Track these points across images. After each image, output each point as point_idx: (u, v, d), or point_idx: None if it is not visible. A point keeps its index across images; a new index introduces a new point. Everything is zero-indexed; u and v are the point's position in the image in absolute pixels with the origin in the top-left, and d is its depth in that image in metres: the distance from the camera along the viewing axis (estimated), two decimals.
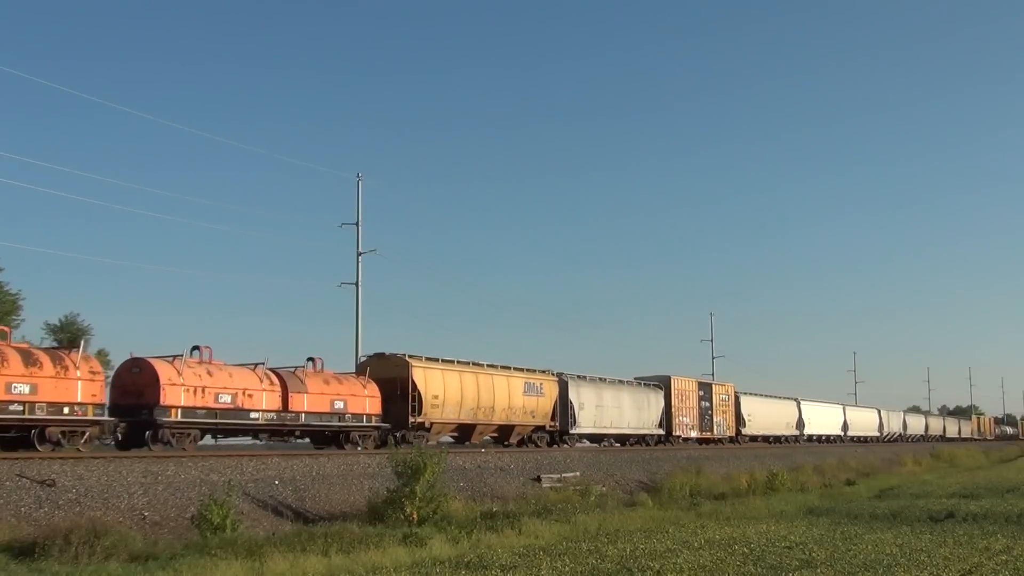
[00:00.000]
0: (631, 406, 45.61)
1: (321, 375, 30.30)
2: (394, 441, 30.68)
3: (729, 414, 56.30)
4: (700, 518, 24.31)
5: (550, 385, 39.69)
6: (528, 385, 38.05)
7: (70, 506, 18.11)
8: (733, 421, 56.68)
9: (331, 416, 29.65)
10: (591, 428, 42.25)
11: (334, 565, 15.29)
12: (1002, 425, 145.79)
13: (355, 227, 44.28)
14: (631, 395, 46.12)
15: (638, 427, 46.18)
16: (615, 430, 44.28)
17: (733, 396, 57.29)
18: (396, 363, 32.93)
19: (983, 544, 18.00)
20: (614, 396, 44.37)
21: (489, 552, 16.96)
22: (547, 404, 39.10)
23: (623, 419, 44.63)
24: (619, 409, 44.39)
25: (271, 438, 29.41)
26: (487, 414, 35.76)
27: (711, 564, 15.22)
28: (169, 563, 14.60)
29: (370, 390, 31.45)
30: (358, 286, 43.33)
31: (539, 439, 38.78)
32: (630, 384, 47.12)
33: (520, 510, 22.97)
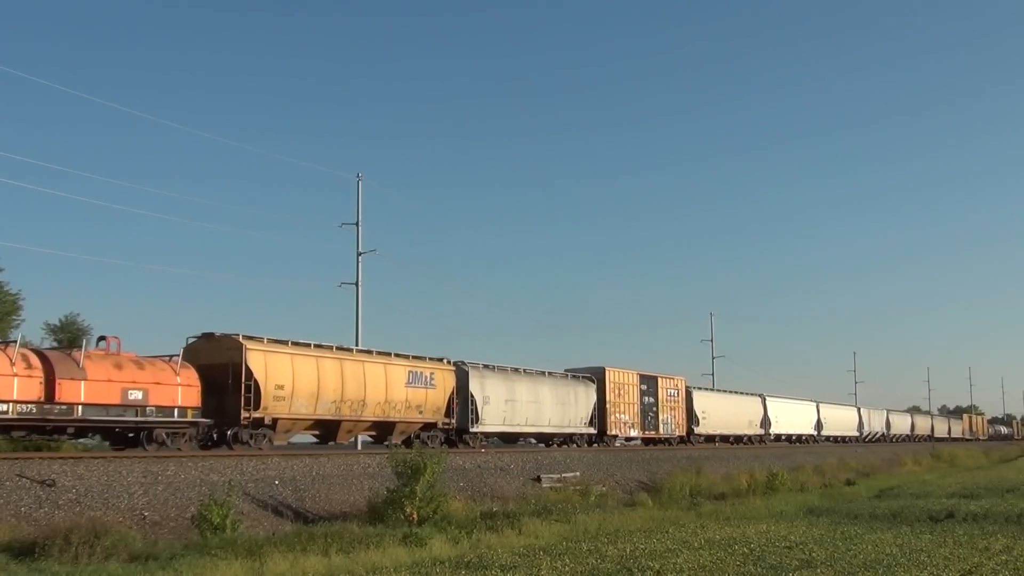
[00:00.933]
0: (553, 401, 39.57)
1: (112, 358, 23.79)
2: (224, 441, 26.25)
3: (679, 411, 50.17)
4: (700, 518, 24.31)
5: (444, 375, 33.66)
6: (413, 375, 32.06)
7: (70, 506, 18.11)
8: (684, 419, 50.56)
9: (124, 409, 23.44)
10: (499, 426, 36.39)
11: (334, 565, 15.29)
12: (996, 425, 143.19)
13: (355, 227, 44.29)
14: (553, 389, 39.96)
15: (562, 425, 40.14)
16: (532, 428, 38.48)
17: (684, 391, 51.10)
18: (228, 345, 26.55)
19: (983, 544, 18.00)
20: (530, 389, 38.42)
21: (489, 552, 16.96)
22: (439, 397, 33.13)
23: (542, 416, 38.71)
24: (537, 404, 38.42)
25: (30, 436, 23.48)
26: (356, 408, 29.67)
27: (711, 564, 15.22)
28: (169, 563, 14.60)
29: (185, 377, 24.86)
30: (358, 286, 43.33)
31: (430, 438, 32.34)
32: (552, 376, 40.74)
33: (520, 510, 22.98)
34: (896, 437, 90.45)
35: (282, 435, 28.22)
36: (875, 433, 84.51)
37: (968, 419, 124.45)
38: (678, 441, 49.73)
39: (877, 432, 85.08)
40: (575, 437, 41.15)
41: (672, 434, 49.24)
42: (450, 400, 33.67)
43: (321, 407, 28.53)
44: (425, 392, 32.61)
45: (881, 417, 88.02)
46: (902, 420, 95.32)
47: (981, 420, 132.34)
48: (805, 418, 68.78)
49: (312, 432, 30.10)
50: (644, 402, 46.59)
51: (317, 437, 30.53)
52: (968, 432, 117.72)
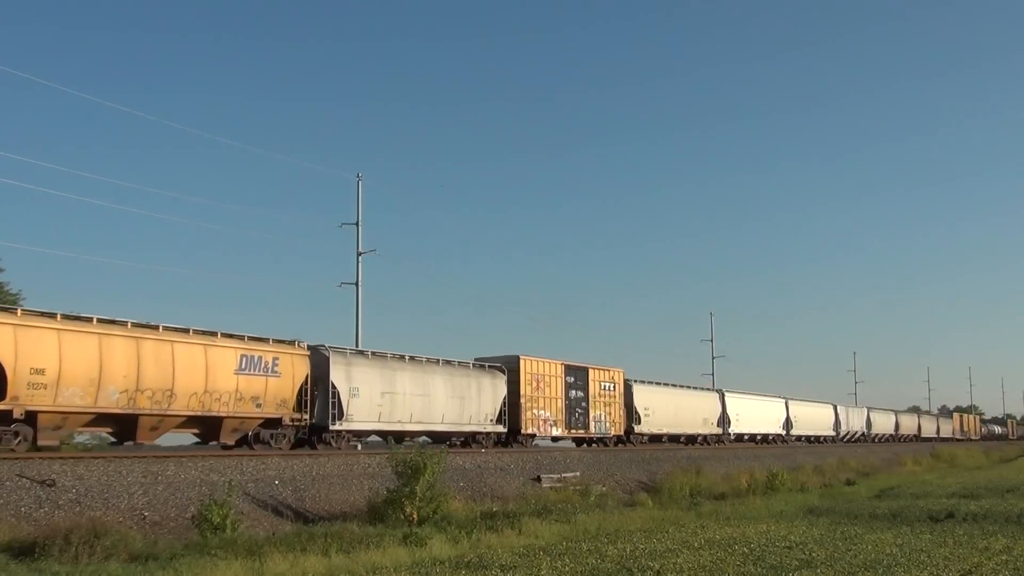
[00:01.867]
0: (448, 395, 33.63)
1: None
2: None
3: (616, 408, 43.95)
4: (700, 518, 24.32)
5: (293, 361, 27.75)
6: (248, 360, 26.30)
7: (70, 506, 18.12)
8: (621, 416, 44.41)
9: None
10: (372, 422, 30.43)
11: (334, 565, 15.29)
12: (990, 424, 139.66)
13: (355, 227, 44.30)
14: (448, 380, 33.92)
15: (460, 422, 34.02)
16: (419, 426, 32.34)
17: (622, 385, 44.82)
18: None
19: (983, 544, 18.01)
20: (417, 380, 32.40)
21: (489, 552, 16.97)
22: (285, 388, 27.32)
23: (433, 411, 32.75)
24: (426, 398, 32.49)
25: None
26: (160, 400, 23.85)
27: (711, 564, 15.22)
28: (169, 563, 14.61)
29: None
30: (358, 286, 43.34)
31: (275, 437, 27.40)
32: (449, 365, 34.63)
33: (520, 510, 22.98)
34: (878, 437, 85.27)
35: (50, 433, 22.28)
36: (854, 433, 78.88)
37: (959, 418, 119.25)
38: (614, 441, 43.83)
39: (856, 432, 79.57)
40: (479, 436, 35.08)
41: (606, 433, 43.10)
42: (302, 391, 27.94)
43: (105, 398, 22.76)
44: (265, 381, 26.72)
45: (861, 416, 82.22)
46: (884, 419, 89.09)
47: (974, 419, 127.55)
48: (771, 416, 63.30)
49: (100, 430, 24.92)
50: (570, 396, 40.57)
51: (113, 436, 24.81)
52: (959, 432, 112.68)
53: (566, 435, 40.76)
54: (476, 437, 35.04)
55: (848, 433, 77.25)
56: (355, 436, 30.41)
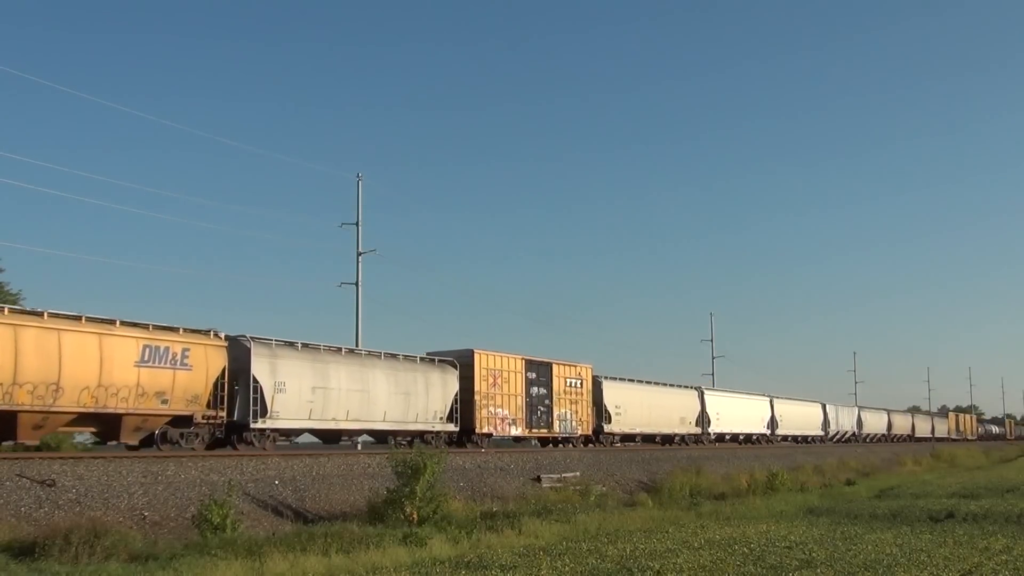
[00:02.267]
0: (391, 390, 31.16)
1: None
2: None
3: (583, 406, 41.62)
4: (700, 518, 24.32)
5: (207, 353, 25.24)
6: (152, 350, 23.73)
7: (70, 506, 18.12)
8: (590, 415, 42.13)
9: None
10: (302, 420, 28.07)
11: (334, 565, 15.29)
12: (987, 424, 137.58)
13: (355, 227, 44.33)
14: (391, 374, 31.41)
15: (404, 420, 31.52)
16: (356, 424, 30.00)
17: (590, 382, 42.46)
18: None
19: (983, 544, 18.00)
20: (355, 375, 29.98)
21: (489, 552, 16.97)
22: (197, 382, 24.86)
23: (374, 408, 30.34)
24: (364, 394, 30.04)
25: None
26: (46, 395, 21.55)
27: (711, 564, 15.22)
28: (169, 563, 14.61)
29: None
30: (358, 286, 43.40)
31: (186, 436, 25.02)
32: (392, 359, 32.24)
33: (520, 510, 22.99)
34: (870, 437, 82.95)
35: None
36: (844, 433, 76.81)
37: (955, 418, 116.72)
38: (582, 442, 41.44)
39: (847, 432, 77.51)
40: (427, 436, 32.27)
41: (572, 433, 40.69)
42: (218, 386, 25.55)
43: None
44: (172, 374, 24.18)
45: (851, 415, 79.83)
46: (876, 418, 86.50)
47: (970, 419, 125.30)
48: (754, 415, 60.89)
49: None
50: (532, 394, 38.19)
51: None
52: (955, 432, 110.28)
53: (526, 435, 38.26)
54: (424, 437, 31.98)
55: (838, 433, 75.09)
56: (282, 435, 28.14)
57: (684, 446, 49.41)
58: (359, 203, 44.72)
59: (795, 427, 66.45)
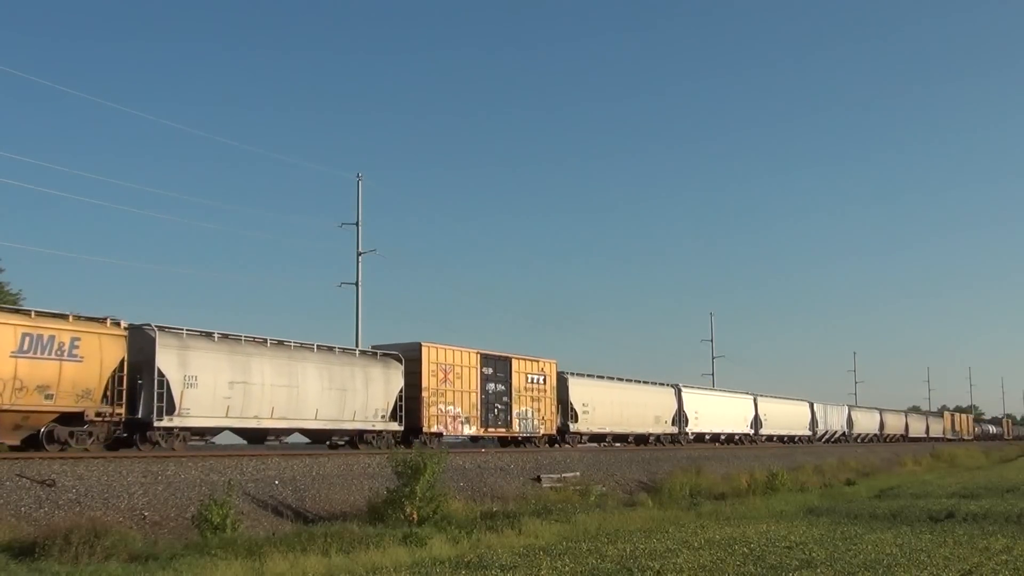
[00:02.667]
0: (324, 386, 28.71)
1: None
2: None
3: (547, 403, 39.12)
4: (700, 518, 24.33)
5: (101, 343, 22.85)
6: (33, 340, 21.35)
7: (70, 506, 18.12)
8: (554, 413, 39.60)
9: None
10: (217, 418, 25.61)
11: (334, 565, 15.30)
12: (984, 424, 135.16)
13: (355, 227, 44.32)
14: (324, 369, 28.92)
15: (340, 418, 29.21)
16: (283, 422, 27.33)
17: (554, 378, 39.91)
18: None
19: (983, 544, 18.01)
20: (281, 368, 27.32)
21: (489, 552, 16.97)
22: (89, 375, 22.50)
23: (304, 405, 27.87)
24: (293, 390, 27.47)
25: None
26: None
27: (711, 564, 15.23)
28: (169, 563, 14.61)
29: None
30: (358, 286, 43.36)
31: (78, 436, 22.58)
32: (326, 352, 29.79)
33: (520, 510, 23.00)
34: (861, 437, 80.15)
35: None
36: (833, 433, 74.15)
37: (951, 417, 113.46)
38: (544, 442, 38.91)
39: (836, 431, 74.78)
40: (368, 435, 30.33)
41: (534, 432, 38.26)
42: (114, 380, 23.12)
43: None
44: (58, 366, 21.83)
45: (840, 414, 76.79)
46: (868, 418, 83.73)
47: (966, 419, 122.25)
48: (736, 414, 58.31)
49: None
50: (488, 390, 35.89)
51: None
52: (951, 432, 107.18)
53: (482, 434, 36.01)
54: (364, 436, 30.21)
55: (826, 433, 72.56)
56: (195, 434, 25.68)
57: (660, 446, 47.19)
58: (359, 203, 44.68)
59: (781, 426, 64.11)
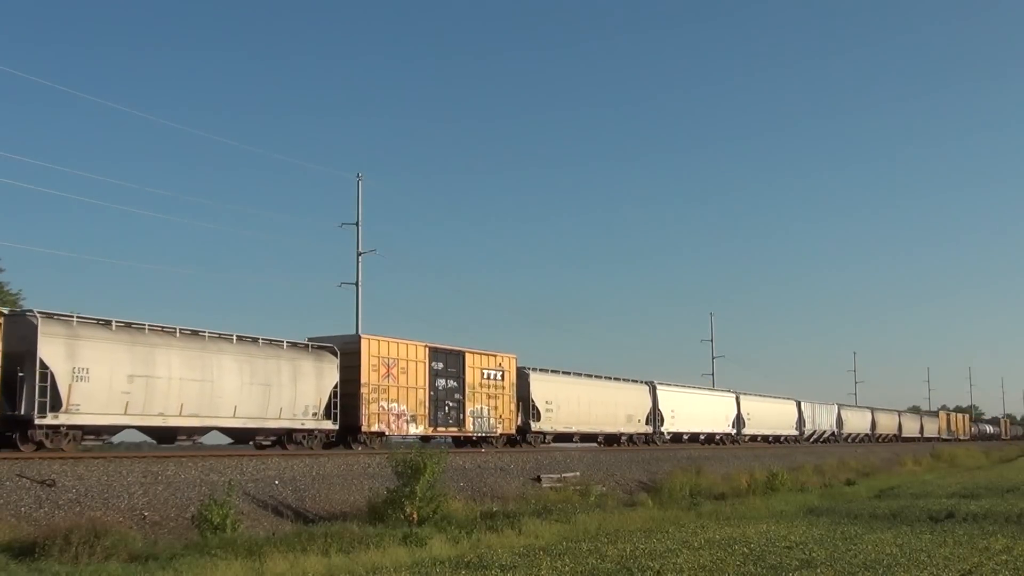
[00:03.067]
0: (245, 380, 26.16)
1: None
2: None
3: (505, 401, 36.73)
4: (700, 518, 24.33)
5: None
6: None
7: (70, 506, 18.13)
8: (513, 412, 37.21)
9: None
10: (114, 415, 23.16)
11: (334, 565, 15.30)
12: (981, 424, 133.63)
13: (355, 227, 44.33)
14: (244, 361, 26.29)
15: (263, 416, 26.73)
16: (194, 420, 24.77)
17: (514, 374, 37.55)
18: None
19: (983, 544, 18.01)
20: (192, 361, 24.74)
21: (489, 552, 16.98)
22: None
23: (219, 402, 25.28)
24: (206, 384, 24.93)
25: None
26: None
27: (711, 564, 15.23)
28: (169, 563, 14.61)
29: None
30: (358, 286, 43.38)
31: None
32: (245, 343, 26.91)
33: (520, 510, 23.00)
34: (851, 437, 78.28)
35: None
36: (822, 432, 72.03)
37: (946, 417, 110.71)
38: (503, 442, 36.37)
39: (825, 431, 72.61)
40: (297, 435, 28.06)
41: (491, 431, 35.86)
42: None
43: None
44: None
45: (830, 413, 74.49)
46: (859, 417, 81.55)
47: (963, 418, 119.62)
48: (716, 413, 55.96)
49: None
50: (438, 387, 33.45)
51: None
52: (947, 432, 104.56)
53: (431, 433, 33.42)
54: (293, 436, 27.94)
55: (815, 433, 70.35)
56: (89, 433, 23.32)
57: (633, 447, 45.03)
58: (359, 203, 44.65)
59: (765, 426, 61.88)
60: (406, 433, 32.40)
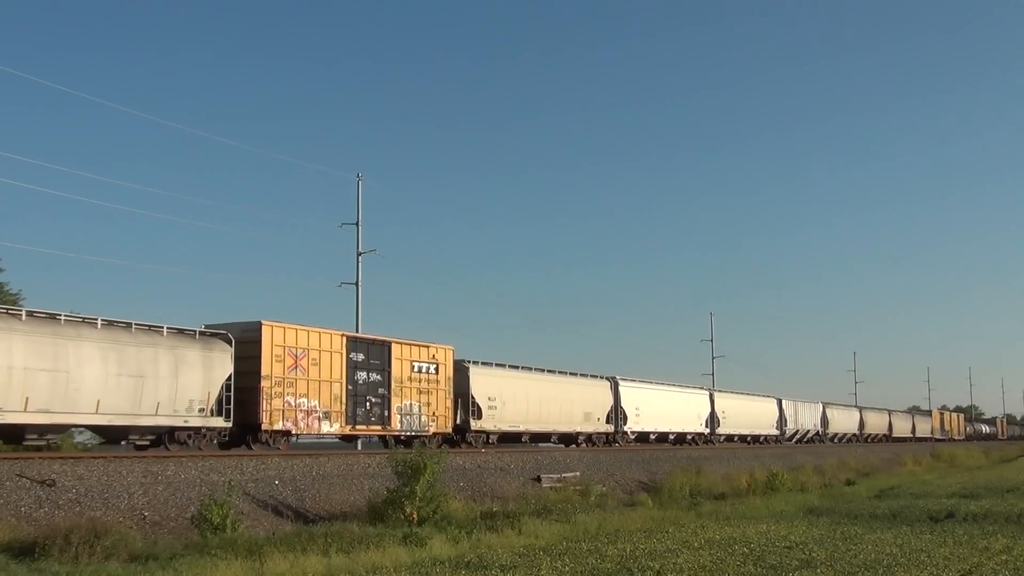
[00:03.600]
0: (111, 371, 22.76)
1: None
2: None
3: (440, 397, 33.14)
4: (700, 518, 24.33)
5: None
6: None
7: (70, 506, 18.13)
8: (450, 409, 33.65)
9: None
10: None
11: (334, 565, 15.30)
12: (976, 423, 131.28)
13: (355, 227, 44.32)
14: (110, 349, 22.97)
15: (136, 412, 23.24)
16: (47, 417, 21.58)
17: (451, 368, 34.02)
18: None
19: (983, 544, 18.02)
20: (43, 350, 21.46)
21: (489, 552, 16.98)
22: None
23: (79, 397, 22.00)
24: (61, 376, 21.71)
25: None
26: None
27: (711, 564, 15.23)
28: (169, 563, 14.61)
29: None
30: (358, 286, 43.38)
31: None
32: (112, 328, 23.59)
33: (520, 510, 23.00)
34: (837, 437, 75.50)
35: None
36: (806, 432, 69.03)
37: (939, 416, 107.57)
38: (438, 442, 31.83)
39: (808, 431, 69.56)
40: (180, 433, 24.58)
41: (422, 430, 31.96)
42: None
43: None
44: None
45: (814, 412, 71.20)
46: (846, 417, 78.47)
47: (957, 418, 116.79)
48: (688, 411, 52.79)
49: None
50: (358, 381, 30.12)
51: None
52: (940, 431, 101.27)
53: (349, 432, 30.22)
54: (176, 435, 24.51)
55: (797, 432, 67.25)
56: None
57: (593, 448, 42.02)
58: (359, 203, 44.62)
59: (742, 425, 58.52)
60: (319, 432, 29.20)
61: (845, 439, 77.17)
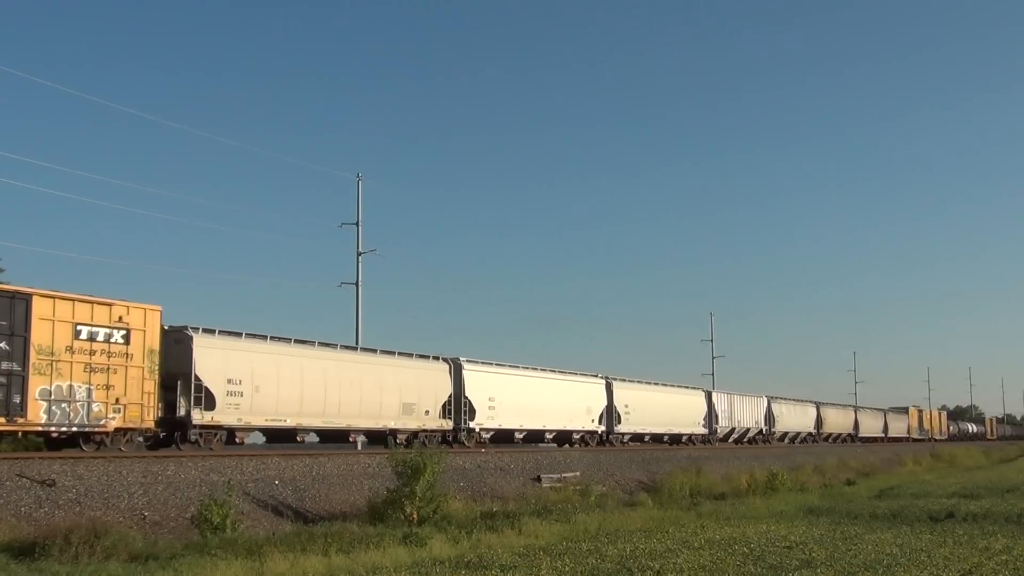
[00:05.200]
0: None
1: None
2: None
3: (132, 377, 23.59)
4: (700, 518, 24.31)
5: None
6: None
7: (70, 506, 18.13)
8: (151, 395, 24.22)
9: None
10: None
11: (334, 565, 15.30)
12: (961, 422, 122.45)
13: (355, 227, 44.28)
14: None
15: None
16: None
17: (156, 339, 24.40)
18: None
19: (983, 544, 18.01)
20: None
21: (489, 552, 16.97)
22: None
23: None
24: None
25: None
26: None
27: (711, 564, 15.23)
28: (169, 563, 14.61)
29: None
30: (358, 286, 43.33)
31: None
32: None
33: (520, 510, 22.98)
34: (786, 436, 65.50)
35: None
36: (744, 431, 59.43)
37: (916, 414, 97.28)
38: (140, 436, 24.33)
39: (747, 428, 59.84)
40: None
41: (94, 423, 22.70)
42: None
43: None
44: None
45: (756, 408, 61.26)
46: (797, 413, 67.43)
47: (937, 415, 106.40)
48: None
49: None
50: None
51: None
52: (917, 431, 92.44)
53: None
54: None
55: (732, 431, 57.98)
56: None
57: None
58: (359, 203, 44.54)
59: (654, 422, 49.06)
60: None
61: (797, 438, 67.16)
